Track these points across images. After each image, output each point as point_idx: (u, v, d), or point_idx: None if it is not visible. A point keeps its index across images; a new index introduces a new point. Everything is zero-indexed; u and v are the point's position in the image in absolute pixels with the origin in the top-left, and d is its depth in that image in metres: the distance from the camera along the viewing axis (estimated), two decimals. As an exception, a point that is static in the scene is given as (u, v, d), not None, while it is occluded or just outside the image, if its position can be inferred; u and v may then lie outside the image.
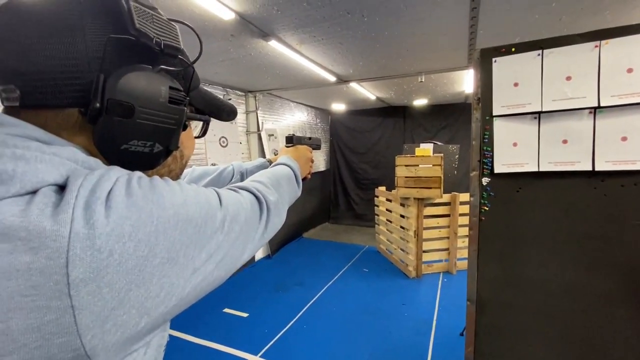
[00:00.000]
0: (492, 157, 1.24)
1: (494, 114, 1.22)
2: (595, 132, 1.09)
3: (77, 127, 0.36)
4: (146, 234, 0.31)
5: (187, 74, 0.45)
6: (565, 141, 1.15)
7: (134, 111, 0.36)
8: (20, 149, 0.29)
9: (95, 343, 0.28)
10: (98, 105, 0.34)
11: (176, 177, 0.49)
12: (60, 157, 0.31)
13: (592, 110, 1.09)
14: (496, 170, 1.23)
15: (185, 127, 0.44)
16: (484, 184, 1.26)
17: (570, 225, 1.15)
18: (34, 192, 0.28)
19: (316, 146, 1.06)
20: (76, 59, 0.33)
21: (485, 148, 1.25)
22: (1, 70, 0.33)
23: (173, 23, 0.41)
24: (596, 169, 1.09)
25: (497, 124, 1.22)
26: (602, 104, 1.07)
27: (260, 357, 2.25)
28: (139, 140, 0.37)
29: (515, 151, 1.21)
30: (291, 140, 0.96)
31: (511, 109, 1.20)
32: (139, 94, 0.36)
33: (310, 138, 1.03)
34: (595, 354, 1.13)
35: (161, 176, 0.44)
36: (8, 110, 0.35)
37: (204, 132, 0.54)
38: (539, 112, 1.16)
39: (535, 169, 1.18)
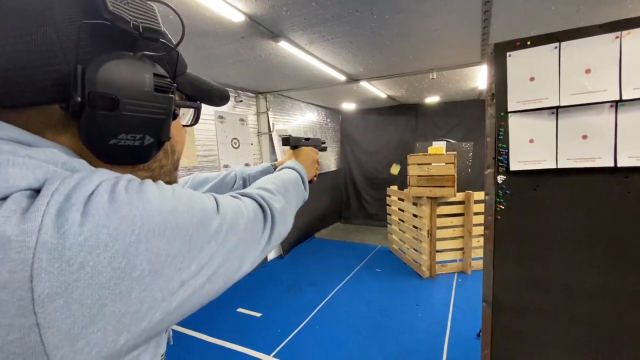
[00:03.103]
0: (507, 154, 1.20)
1: (509, 110, 1.19)
2: (617, 126, 1.05)
3: (60, 125, 0.33)
4: (125, 244, 0.28)
5: (171, 59, 0.41)
6: (585, 136, 1.11)
7: (118, 103, 0.33)
8: None
9: None
10: (79, 99, 0.31)
11: (169, 173, 0.46)
12: (37, 160, 0.29)
13: (614, 103, 1.05)
14: (512, 168, 1.20)
15: (175, 116, 0.41)
16: (500, 182, 1.22)
17: (592, 224, 1.10)
18: (4, 199, 0.26)
19: (320, 147, 1.02)
20: (49, 50, 0.31)
21: (500, 145, 1.21)
22: None
23: (150, 3, 0.36)
24: (618, 164, 1.05)
25: (513, 120, 1.19)
26: (624, 97, 1.02)
27: (273, 356, 2.26)
28: (128, 133, 0.35)
29: (531, 148, 1.17)
30: (288, 141, 0.92)
31: (527, 105, 1.16)
32: (121, 84, 0.33)
33: (308, 139, 0.98)
34: (618, 358, 1.08)
35: (152, 172, 0.42)
36: None
37: (195, 120, 0.50)
38: (557, 107, 1.12)
39: (553, 166, 1.14)
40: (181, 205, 0.33)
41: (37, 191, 0.27)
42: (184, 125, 0.50)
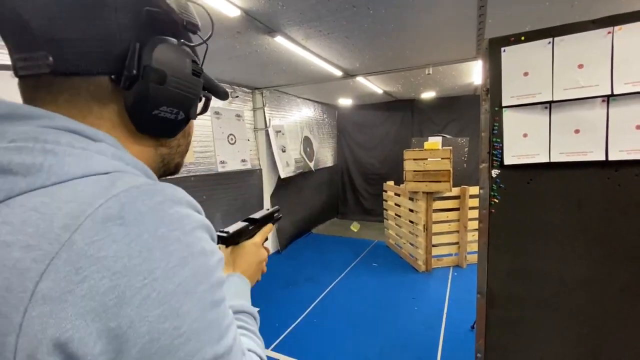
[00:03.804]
0: (501, 148, 1.22)
1: (503, 104, 1.20)
2: (609, 120, 1.07)
3: (107, 95, 0.36)
4: (128, 285, 0.26)
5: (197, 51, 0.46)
6: (577, 131, 1.13)
7: (166, 78, 0.37)
8: (50, 144, 0.29)
9: None
10: (134, 71, 0.35)
11: (182, 154, 0.48)
12: (90, 151, 0.31)
13: (605, 98, 1.06)
14: (506, 162, 1.21)
15: (200, 100, 0.45)
16: (494, 176, 1.24)
17: (584, 216, 1.13)
18: (61, 182, 0.28)
19: (275, 219, 0.74)
20: (109, 27, 0.33)
21: (494, 139, 1.23)
22: (29, 37, 0.32)
23: (189, 2, 0.42)
24: (610, 158, 1.07)
25: (507, 115, 1.21)
26: (615, 92, 1.04)
27: (272, 350, 2.28)
28: (168, 106, 0.38)
29: (525, 142, 1.19)
30: (226, 240, 0.62)
31: (521, 99, 1.18)
32: (170, 64, 0.37)
33: (255, 221, 0.68)
34: (612, 349, 1.12)
35: (171, 149, 0.44)
36: (26, 81, 0.34)
37: (205, 109, 0.52)
38: (550, 102, 1.14)
39: (547, 160, 1.16)
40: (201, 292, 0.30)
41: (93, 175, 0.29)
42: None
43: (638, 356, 1.08)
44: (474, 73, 3.53)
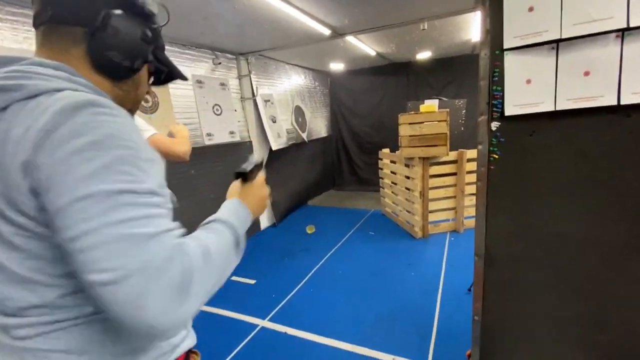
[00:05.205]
0: (502, 97, 1.10)
1: (505, 47, 1.07)
2: (623, 58, 0.94)
3: (79, 40, 0.52)
4: (89, 141, 0.42)
5: (156, 31, 0.61)
6: (586, 73, 1.00)
7: (118, 34, 0.53)
8: (27, 73, 0.46)
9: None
10: (98, 25, 0.51)
11: (131, 101, 0.62)
12: (51, 76, 0.47)
13: (620, 32, 0.93)
14: (507, 113, 1.10)
15: (146, 62, 0.60)
16: (493, 129, 1.13)
17: (589, 169, 1.03)
18: (37, 95, 0.45)
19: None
20: None
21: (494, 88, 1.11)
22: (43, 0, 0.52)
23: None
24: (622, 102, 0.96)
25: (509, 59, 1.07)
26: (631, 24, 0.91)
27: (268, 320, 2.28)
28: (115, 51, 0.53)
29: (528, 89, 1.07)
30: (245, 177, 0.76)
31: (525, 39, 1.04)
32: (123, 25, 0.54)
33: (260, 164, 0.81)
34: (611, 308, 1.06)
35: (123, 92, 0.59)
36: (38, 31, 0.54)
37: (163, 81, 0.71)
38: (558, 41, 1.00)
39: (552, 108, 1.05)
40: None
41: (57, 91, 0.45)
42: (155, 83, 0.71)
43: (644, 314, 1.03)
44: (472, 28, 3.31)
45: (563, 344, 1.16)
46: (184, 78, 0.74)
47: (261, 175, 0.80)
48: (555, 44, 1.01)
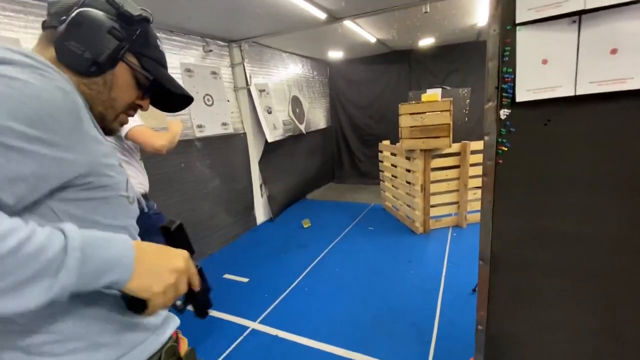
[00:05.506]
0: (513, 81, 0.95)
1: (517, 21, 0.92)
2: (660, 32, 0.79)
3: (54, 37, 0.56)
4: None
5: (140, 35, 0.63)
6: (614, 50, 0.85)
7: (81, 26, 0.55)
8: (8, 58, 0.47)
9: None
10: (65, 18, 0.55)
11: (103, 103, 0.60)
12: (15, 51, 0.49)
13: (657, 1, 0.78)
14: (518, 99, 0.95)
15: (116, 61, 0.59)
16: (503, 117, 0.98)
17: (615, 164, 0.89)
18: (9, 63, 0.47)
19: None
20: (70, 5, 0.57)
21: (504, 70, 0.96)
22: (48, 13, 0.59)
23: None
24: (657, 85, 0.81)
25: (522, 35, 0.92)
26: (672, -9, 0.75)
27: (259, 323, 2.17)
28: (76, 42, 0.55)
29: (544, 70, 0.92)
30: (167, 232, 0.60)
31: (541, 12, 0.89)
32: (88, 20, 0.55)
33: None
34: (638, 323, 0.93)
35: (91, 91, 0.59)
36: (42, 32, 0.60)
37: (147, 89, 0.67)
38: (580, 12, 0.86)
39: (571, 93, 0.90)
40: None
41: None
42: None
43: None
44: (478, 11, 3.11)
45: (578, 361, 1.03)
46: (187, 97, 0.72)
47: (185, 251, 0.59)
48: (577, 17, 0.86)
